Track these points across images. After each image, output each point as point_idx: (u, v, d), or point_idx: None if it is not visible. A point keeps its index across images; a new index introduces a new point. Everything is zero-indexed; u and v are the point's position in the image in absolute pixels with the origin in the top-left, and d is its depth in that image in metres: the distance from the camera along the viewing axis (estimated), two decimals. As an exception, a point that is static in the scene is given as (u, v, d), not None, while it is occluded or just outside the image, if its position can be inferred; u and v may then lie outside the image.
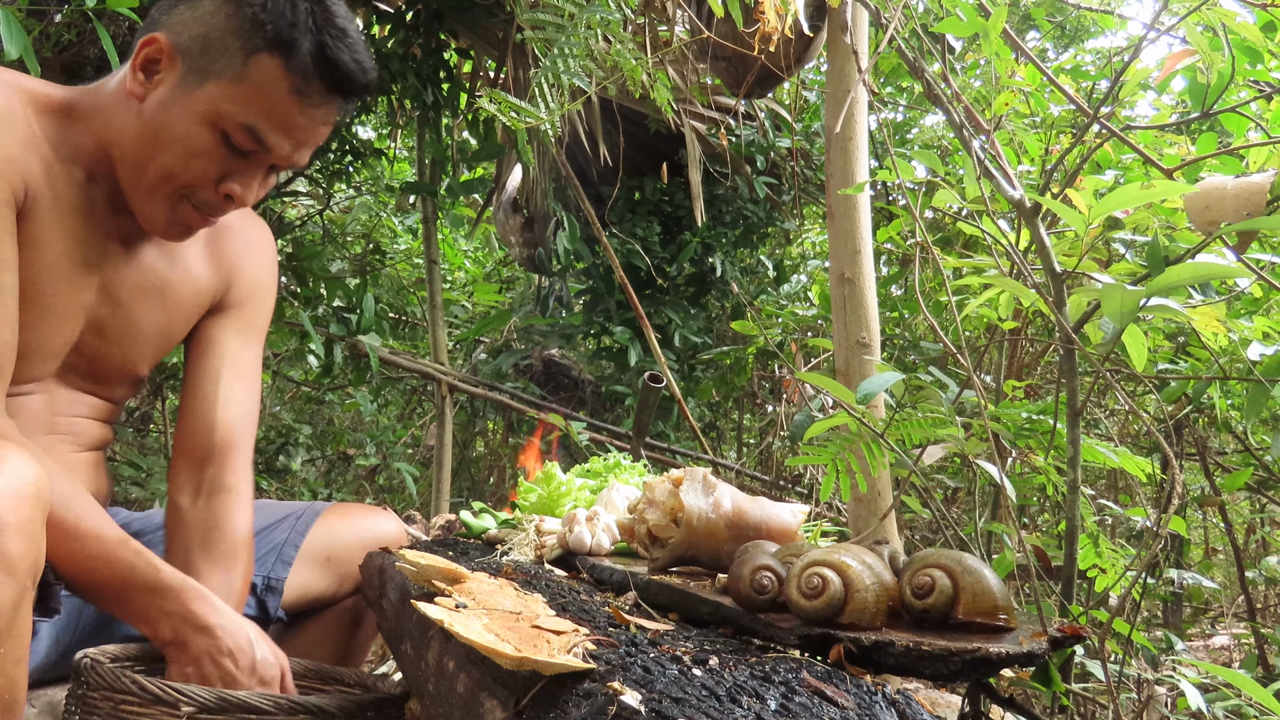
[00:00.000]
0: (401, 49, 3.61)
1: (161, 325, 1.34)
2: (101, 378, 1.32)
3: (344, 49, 1.16)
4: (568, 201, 4.54)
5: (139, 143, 1.18)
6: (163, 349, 1.38)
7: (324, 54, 1.15)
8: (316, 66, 1.15)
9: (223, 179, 1.19)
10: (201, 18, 1.16)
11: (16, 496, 0.95)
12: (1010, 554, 1.67)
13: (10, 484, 0.95)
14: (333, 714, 1.12)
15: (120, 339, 1.31)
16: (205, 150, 1.16)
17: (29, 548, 0.96)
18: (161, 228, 1.23)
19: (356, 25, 1.22)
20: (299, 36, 1.14)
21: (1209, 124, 2.01)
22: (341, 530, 1.52)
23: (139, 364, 1.36)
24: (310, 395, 5.19)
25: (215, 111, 1.15)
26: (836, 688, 0.72)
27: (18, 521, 0.94)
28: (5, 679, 0.95)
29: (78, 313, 1.24)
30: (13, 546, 0.94)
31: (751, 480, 3.87)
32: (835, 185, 2.11)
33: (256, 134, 1.16)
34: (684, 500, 1.08)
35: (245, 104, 1.15)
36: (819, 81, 4.67)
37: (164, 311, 1.33)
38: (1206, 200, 1.28)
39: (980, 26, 1.53)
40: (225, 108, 1.14)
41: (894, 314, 3.40)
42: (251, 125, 1.15)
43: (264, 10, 1.14)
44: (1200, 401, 2.11)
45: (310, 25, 1.14)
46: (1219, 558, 3.87)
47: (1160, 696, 2.02)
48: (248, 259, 1.43)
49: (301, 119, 1.18)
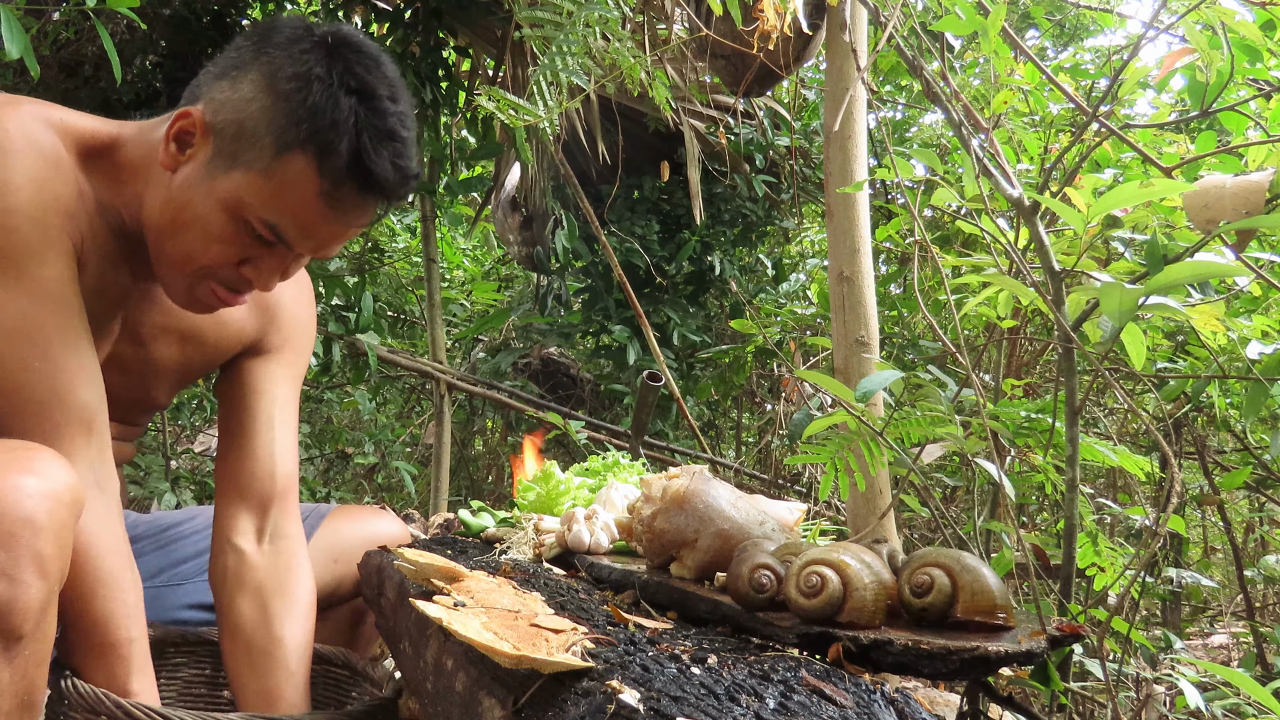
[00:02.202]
0: (400, 47, 3.61)
1: (180, 364, 1.32)
2: (120, 409, 1.30)
3: (384, 154, 1.08)
4: (566, 200, 4.54)
5: (163, 215, 1.13)
6: (184, 382, 1.36)
7: (360, 160, 1.07)
8: (350, 172, 1.08)
9: (242, 264, 1.14)
10: (240, 101, 1.09)
11: (53, 499, 0.96)
12: (1009, 553, 1.67)
13: (47, 486, 0.96)
14: None
15: (140, 376, 1.30)
16: (224, 236, 1.11)
17: (60, 551, 0.97)
18: (183, 303, 1.19)
19: (412, 120, 1.12)
20: (336, 138, 1.06)
21: (1208, 122, 2.02)
22: (347, 532, 1.52)
23: (158, 397, 1.35)
24: (308, 394, 5.18)
25: (238, 201, 1.09)
26: (835, 686, 0.72)
27: (53, 524, 0.95)
28: (27, 680, 0.96)
29: (101, 349, 1.22)
30: (46, 548, 0.94)
31: (750, 479, 3.87)
32: (834, 184, 2.11)
33: (278, 231, 1.11)
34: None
35: (270, 200, 1.08)
36: (818, 80, 4.67)
37: (183, 353, 1.31)
38: (1205, 199, 1.28)
39: (979, 25, 1.53)
40: (249, 200, 1.09)
41: (893, 312, 3.40)
42: (273, 223, 1.10)
43: (304, 106, 1.06)
44: (1199, 400, 2.11)
45: (352, 126, 1.07)
46: (1218, 556, 3.87)
47: (1159, 695, 2.02)
48: (288, 299, 1.38)
49: (328, 223, 1.11)
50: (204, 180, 1.10)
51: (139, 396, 1.32)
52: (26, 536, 0.92)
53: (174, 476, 3.68)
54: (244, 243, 1.12)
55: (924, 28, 2.19)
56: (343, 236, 1.14)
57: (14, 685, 0.94)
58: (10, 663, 0.93)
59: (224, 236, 1.11)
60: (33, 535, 0.93)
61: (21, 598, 0.92)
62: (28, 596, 0.92)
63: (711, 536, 1.04)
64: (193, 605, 1.43)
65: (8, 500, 0.92)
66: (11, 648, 0.93)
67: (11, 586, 0.91)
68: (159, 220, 1.14)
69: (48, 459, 0.98)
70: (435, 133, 3.86)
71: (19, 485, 0.93)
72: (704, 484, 1.08)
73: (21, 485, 0.94)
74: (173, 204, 1.12)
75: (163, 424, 4.01)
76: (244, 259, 1.14)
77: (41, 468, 0.96)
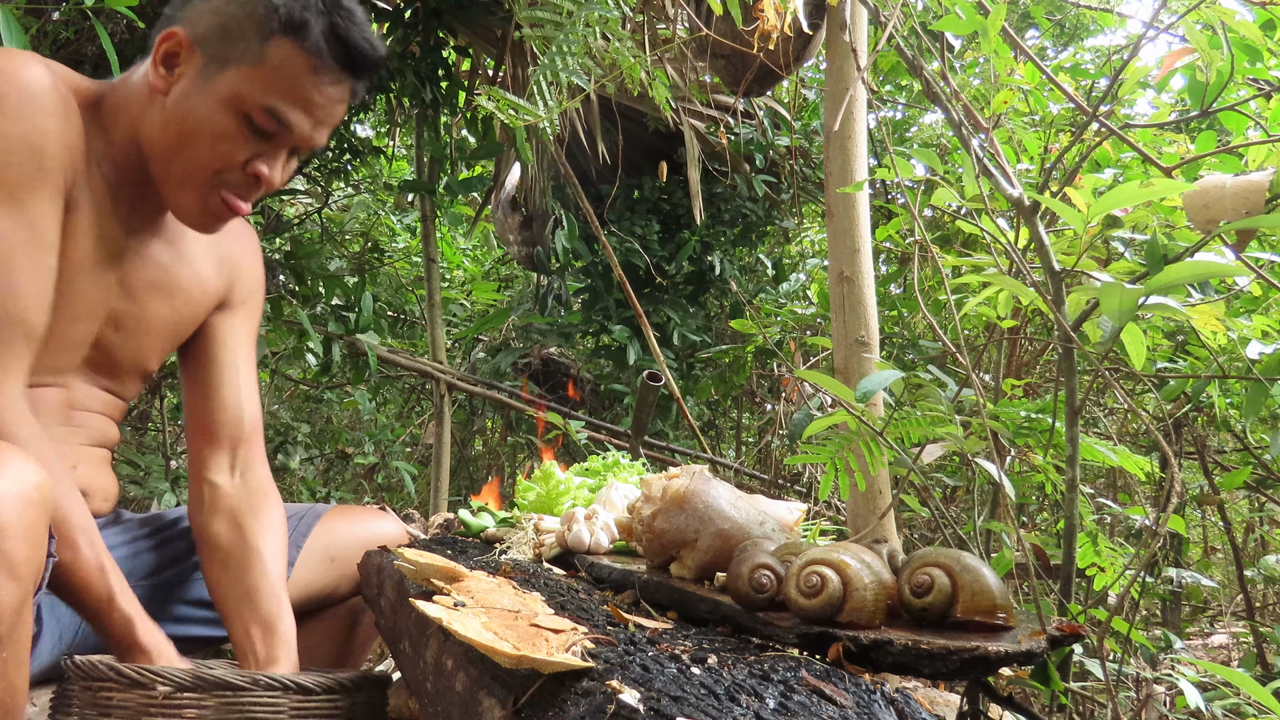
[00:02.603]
0: (400, 47, 3.61)
1: (171, 321, 1.38)
2: (116, 372, 1.36)
3: (354, 28, 1.22)
4: (566, 200, 4.54)
5: (165, 134, 1.22)
6: (172, 344, 1.43)
7: (336, 33, 1.21)
8: (329, 45, 1.21)
9: (249, 161, 1.23)
10: (217, 8, 1.21)
11: (20, 500, 0.94)
12: (1009, 552, 1.67)
13: (13, 487, 0.94)
14: (311, 689, 1.12)
15: (134, 333, 1.35)
16: (229, 134, 1.20)
17: (32, 552, 0.95)
18: (196, 219, 1.26)
19: (361, 9, 1.27)
20: (311, 18, 1.20)
21: (1208, 122, 2.02)
22: (343, 531, 1.53)
23: (150, 359, 1.39)
24: (308, 394, 5.19)
25: (237, 95, 1.19)
26: (835, 686, 0.72)
27: (21, 525, 0.94)
28: (6, 683, 0.95)
29: (99, 307, 1.28)
30: (16, 550, 0.93)
31: (750, 479, 3.87)
32: (834, 183, 2.11)
33: (277, 114, 1.20)
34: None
35: (265, 86, 1.19)
36: (818, 80, 4.67)
37: (173, 309, 1.38)
38: (1205, 199, 1.28)
39: (979, 24, 1.53)
40: (246, 91, 1.19)
41: (893, 312, 3.40)
42: (272, 106, 1.20)
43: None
44: (1199, 400, 2.11)
45: (320, 7, 1.20)
46: (1218, 556, 3.87)
47: (1159, 695, 2.02)
48: (247, 258, 1.49)
49: (319, 97, 1.23)
50: (200, 89, 1.20)
51: (133, 358, 1.37)
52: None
53: (174, 476, 3.68)
54: (247, 138, 1.21)
55: (924, 28, 2.19)
56: (332, 112, 1.25)
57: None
58: None
59: (229, 135, 1.21)
60: (2, 538, 0.92)
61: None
62: (0, 599, 0.92)
63: (711, 536, 1.04)
64: (191, 601, 1.43)
65: None
66: None
67: None
68: (162, 140, 1.22)
69: (14, 458, 0.97)
70: (435, 132, 3.87)
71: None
72: (704, 484, 1.08)
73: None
74: (174, 120, 1.21)
75: (162, 424, 4.01)
76: (250, 157, 1.23)
77: (9, 469, 0.95)
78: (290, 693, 1.11)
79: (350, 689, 1.17)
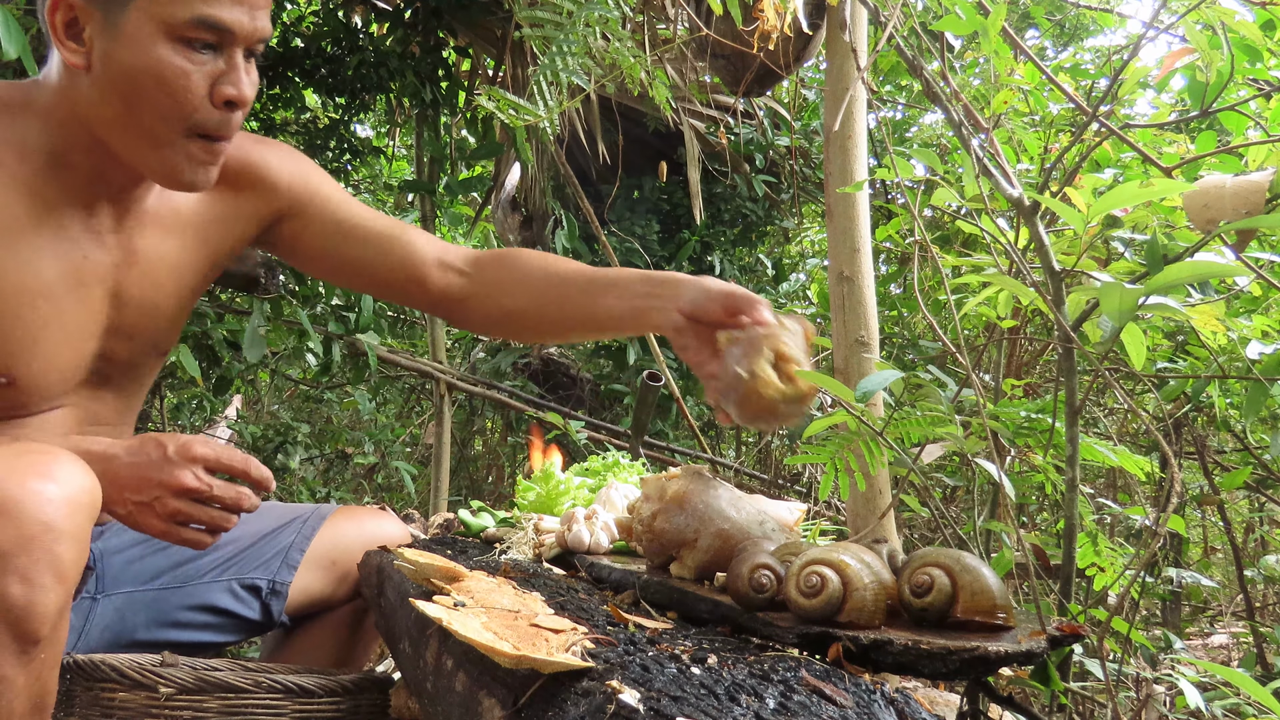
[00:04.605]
0: (400, 47, 3.61)
1: (186, 288, 1.33)
2: (127, 371, 1.31)
3: None
4: (566, 200, 4.54)
5: (110, 106, 1.12)
6: (192, 300, 1.36)
7: None
8: None
9: (213, 89, 1.12)
10: None
11: (73, 504, 0.96)
12: (1009, 552, 1.66)
13: (67, 491, 0.96)
14: (313, 692, 1.12)
15: (142, 330, 1.29)
16: (174, 69, 1.10)
17: (79, 555, 0.97)
18: (186, 178, 1.17)
19: None
20: None
21: (1208, 122, 2.01)
22: (347, 534, 1.52)
23: (167, 338, 1.34)
24: (308, 394, 5.19)
25: (159, 22, 1.08)
26: (835, 686, 0.72)
27: (73, 529, 0.95)
28: (40, 683, 0.96)
29: (91, 325, 1.22)
30: (66, 554, 0.94)
31: (750, 479, 3.87)
32: (834, 183, 2.11)
33: (208, 20, 1.09)
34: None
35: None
36: (818, 80, 4.67)
37: (179, 281, 1.31)
38: (1205, 199, 1.28)
39: (979, 24, 1.53)
40: (162, 13, 1.08)
41: (893, 312, 3.40)
42: (197, 14, 1.08)
43: None
44: (1199, 400, 2.11)
45: None
46: (1218, 556, 3.87)
47: (1159, 695, 2.02)
48: (271, 166, 1.36)
49: None
50: (117, 41, 1.09)
51: (144, 347, 1.31)
52: (46, 541, 0.93)
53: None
54: (194, 63, 1.10)
55: (924, 28, 2.19)
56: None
57: (28, 688, 0.94)
58: (26, 666, 0.93)
59: (174, 70, 1.09)
60: (53, 540, 0.93)
61: (40, 602, 0.92)
62: (46, 600, 0.93)
63: (711, 536, 1.03)
64: (192, 607, 1.43)
65: (29, 505, 0.93)
66: (28, 651, 0.93)
67: (30, 590, 0.91)
68: (111, 113, 1.12)
69: (66, 463, 0.98)
70: (435, 132, 3.87)
71: (39, 490, 0.94)
72: (704, 484, 1.08)
73: (42, 490, 0.94)
74: (113, 84, 1.11)
75: (162, 425, 4.01)
76: (210, 85, 1.12)
77: (60, 473, 0.97)
78: (292, 695, 1.12)
79: (352, 691, 1.17)
